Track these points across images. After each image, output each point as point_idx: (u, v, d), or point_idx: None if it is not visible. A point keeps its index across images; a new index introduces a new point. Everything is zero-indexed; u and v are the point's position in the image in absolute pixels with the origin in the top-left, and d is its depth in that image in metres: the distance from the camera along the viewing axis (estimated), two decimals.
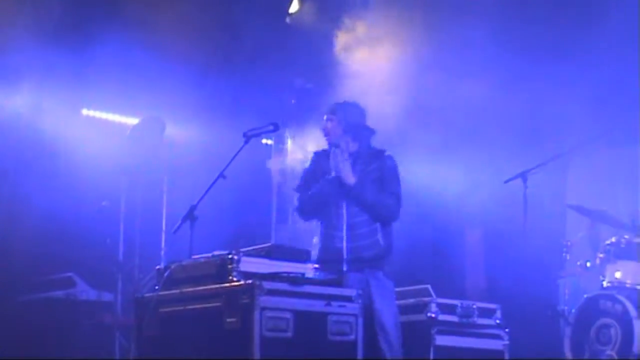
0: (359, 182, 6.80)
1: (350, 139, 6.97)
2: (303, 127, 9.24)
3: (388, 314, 6.70)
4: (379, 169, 6.92)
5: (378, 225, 6.84)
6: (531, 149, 9.62)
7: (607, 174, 10.96)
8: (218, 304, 5.77)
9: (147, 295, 6.46)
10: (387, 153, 7.01)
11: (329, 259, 6.68)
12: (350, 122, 6.99)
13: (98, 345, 8.41)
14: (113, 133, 9.77)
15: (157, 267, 6.56)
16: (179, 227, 6.65)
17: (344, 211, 6.79)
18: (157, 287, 6.35)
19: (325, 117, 7.06)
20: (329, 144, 7.02)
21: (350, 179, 6.82)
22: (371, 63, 8.82)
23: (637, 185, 9.80)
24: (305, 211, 6.96)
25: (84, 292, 8.63)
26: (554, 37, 9.40)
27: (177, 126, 9.89)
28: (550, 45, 9.44)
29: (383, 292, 6.75)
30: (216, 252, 6.21)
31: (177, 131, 9.95)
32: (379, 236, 6.82)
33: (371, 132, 7.05)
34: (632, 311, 8.52)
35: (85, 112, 9.93)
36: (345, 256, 6.72)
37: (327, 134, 7.04)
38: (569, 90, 9.58)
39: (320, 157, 7.03)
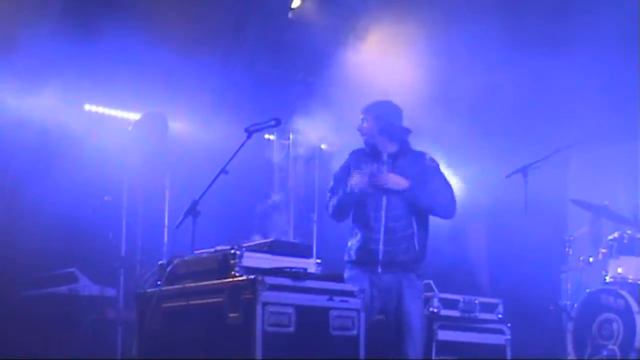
0: (413, 186, 6.76)
1: (386, 139, 6.92)
2: (305, 122, 9.25)
3: (416, 316, 6.67)
4: (422, 172, 6.84)
5: (415, 229, 6.80)
6: (533, 144, 9.63)
7: (609, 169, 10.97)
8: (220, 299, 5.78)
9: (149, 290, 6.47)
10: (427, 155, 6.97)
11: (364, 260, 6.68)
12: (387, 121, 6.92)
13: (100, 340, 8.42)
14: (115, 128, 9.76)
15: (160, 262, 6.57)
16: (181, 223, 6.65)
17: (383, 214, 6.76)
18: (159, 283, 6.36)
19: (361, 117, 6.99)
20: (366, 143, 6.95)
21: (403, 183, 6.77)
22: (375, 57, 8.83)
23: (639, 180, 9.81)
24: (335, 214, 6.94)
25: (87, 287, 8.64)
26: (557, 31, 9.39)
27: (179, 121, 9.89)
28: (553, 40, 9.44)
29: (414, 293, 6.73)
30: (218, 248, 6.22)
31: (180, 126, 9.95)
32: (415, 240, 6.79)
33: (407, 131, 6.97)
34: (634, 306, 8.53)
35: (87, 107, 9.93)
36: (380, 258, 6.70)
37: (363, 133, 6.95)
38: (571, 85, 9.59)
39: (357, 155, 6.95)
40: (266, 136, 10.74)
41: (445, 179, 6.93)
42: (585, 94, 9.69)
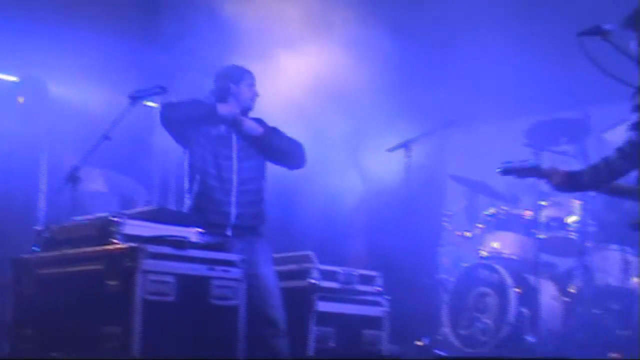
0: (267, 131, 6.89)
1: None
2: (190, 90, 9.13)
3: (273, 278, 6.75)
4: (267, 130, 7.03)
5: (263, 194, 6.91)
6: (415, 120, 9.72)
7: (487, 146, 11.15)
8: (100, 266, 5.70)
9: (25, 256, 6.35)
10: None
11: (214, 222, 6.65)
12: None
13: None
14: None
15: (36, 227, 6.45)
16: (60, 188, 6.55)
17: (234, 176, 6.78)
18: (36, 248, 6.25)
19: (253, 82, 7.07)
20: (249, 109, 7.02)
21: (258, 129, 6.87)
22: (261, 26, 8.77)
23: (515, 158, 9.98)
24: (171, 116, 6.85)
25: None
26: (443, 14, 9.49)
27: (61, 85, 9.69)
28: (442, 24, 9.55)
29: (266, 257, 6.81)
30: (99, 214, 6.14)
31: (62, 90, 9.75)
32: (263, 205, 6.90)
33: None
34: (509, 280, 8.71)
35: None
36: (232, 221, 6.71)
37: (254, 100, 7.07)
38: (452, 64, 9.74)
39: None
40: (148, 104, 10.56)
41: (286, 135, 7.09)
42: (465, 72, 9.83)
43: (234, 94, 6.94)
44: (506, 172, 6.27)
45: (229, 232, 6.69)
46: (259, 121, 7.02)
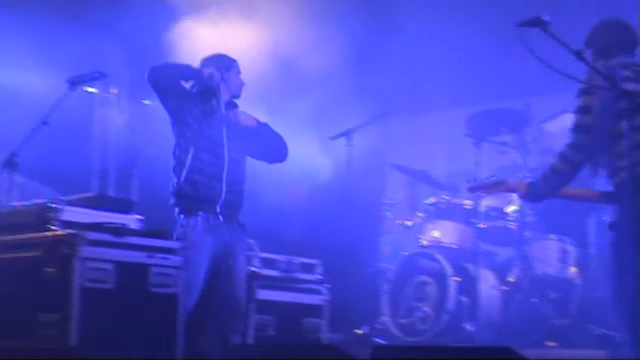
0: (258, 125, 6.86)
1: None
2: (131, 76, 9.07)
3: (244, 270, 6.73)
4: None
5: (245, 177, 6.85)
6: (356, 108, 9.73)
7: (427, 135, 11.22)
8: (38, 253, 5.65)
9: None
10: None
11: (206, 197, 6.54)
12: None
13: None
14: None
15: None
16: None
17: (226, 153, 6.68)
18: None
19: (240, 70, 7.01)
20: (237, 96, 6.97)
21: (252, 121, 6.83)
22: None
23: (454, 147, 10.05)
24: (160, 75, 6.66)
25: None
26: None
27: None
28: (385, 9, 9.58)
29: (244, 248, 6.80)
30: (36, 200, 6.08)
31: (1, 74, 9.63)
32: (244, 188, 6.84)
33: None
34: (448, 269, 8.76)
35: None
36: (222, 197, 6.59)
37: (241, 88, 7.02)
38: (395, 55, 9.75)
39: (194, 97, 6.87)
40: (88, 89, 10.45)
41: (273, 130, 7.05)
42: (407, 61, 9.86)
43: (224, 80, 6.87)
44: (474, 189, 6.32)
45: (218, 209, 6.59)
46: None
